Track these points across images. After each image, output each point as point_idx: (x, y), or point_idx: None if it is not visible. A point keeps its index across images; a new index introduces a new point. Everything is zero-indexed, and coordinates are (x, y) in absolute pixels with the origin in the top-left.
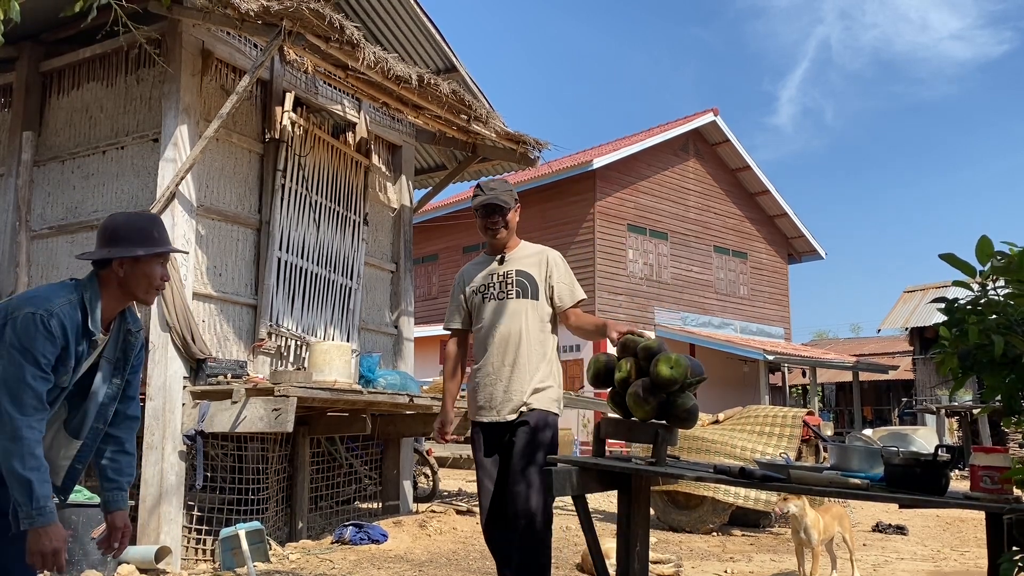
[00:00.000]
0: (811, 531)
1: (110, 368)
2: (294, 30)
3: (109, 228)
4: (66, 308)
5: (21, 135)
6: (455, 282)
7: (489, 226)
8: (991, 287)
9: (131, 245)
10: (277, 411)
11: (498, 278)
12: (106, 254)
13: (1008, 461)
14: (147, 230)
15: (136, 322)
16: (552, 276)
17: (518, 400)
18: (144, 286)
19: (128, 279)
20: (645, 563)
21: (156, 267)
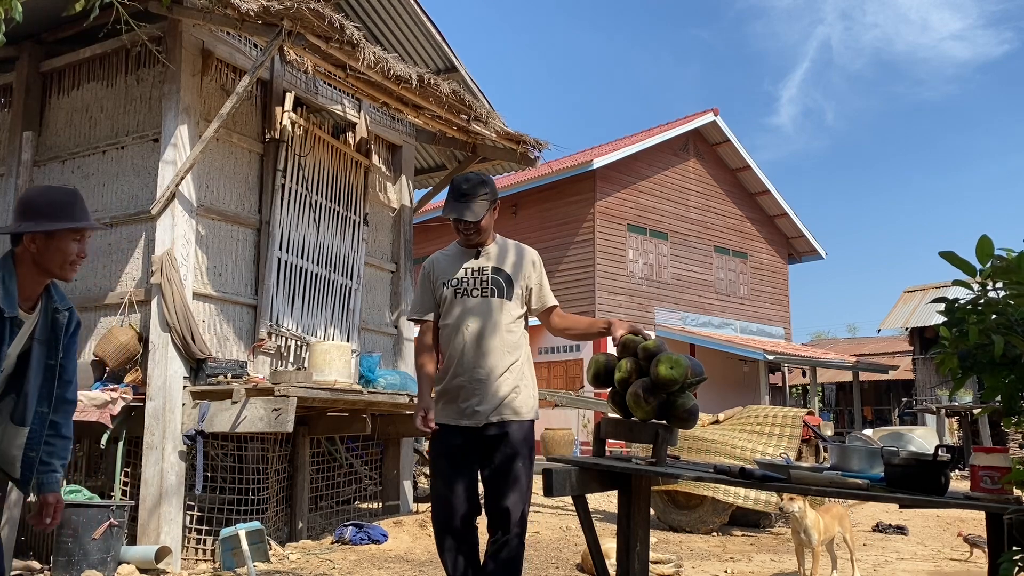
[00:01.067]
0: (811, 531)
1: (44, 349)
2: (294, 30)
3: (23, 202)
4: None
5: (21, 135)
6: (423, 271)
7: (462, 230)
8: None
9: (44, 219)
10: (277, 411)
11: (472, 273)
12: (16, 228)
13: (1008, 461)
14: (62, 204)
15: (63, 300)
16: (531, 277)
17: (493, 406)
18: (58, 262)
19: (42, 255)
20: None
21: (71, 243)
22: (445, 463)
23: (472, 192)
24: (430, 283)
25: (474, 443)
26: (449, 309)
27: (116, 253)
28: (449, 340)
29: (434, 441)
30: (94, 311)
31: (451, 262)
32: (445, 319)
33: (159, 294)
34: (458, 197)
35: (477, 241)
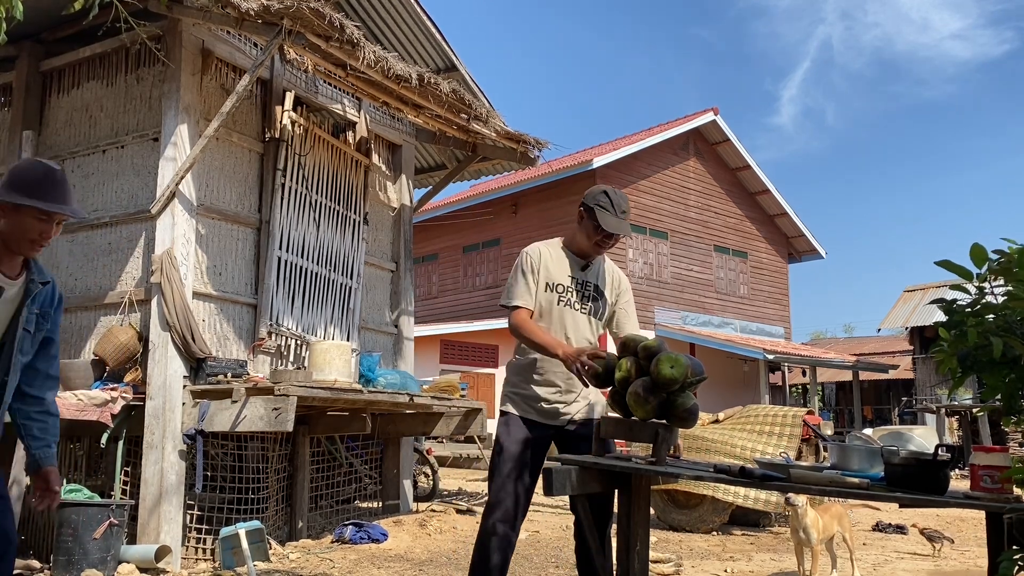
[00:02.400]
0: (810, 530)
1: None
2: (294, 29)
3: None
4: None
5: (21, 134)
6: (527, 260)
7: (602, 244)
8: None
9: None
10: (277, 410)
11: (577, 284)
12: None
13: (1008, 460)
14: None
15: (41, 273)
16: (619, 303)
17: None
18: (17, 237)
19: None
20: (645, 562)
21: (32, 221)
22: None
23: (628, 211)
24: (534, 276)
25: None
26: (547, 314)
27: (116, 252)
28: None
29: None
30: (94, 310)
31: (557, 265)
32: (542, 320)
33: (159, 293)
34: (619, 213)
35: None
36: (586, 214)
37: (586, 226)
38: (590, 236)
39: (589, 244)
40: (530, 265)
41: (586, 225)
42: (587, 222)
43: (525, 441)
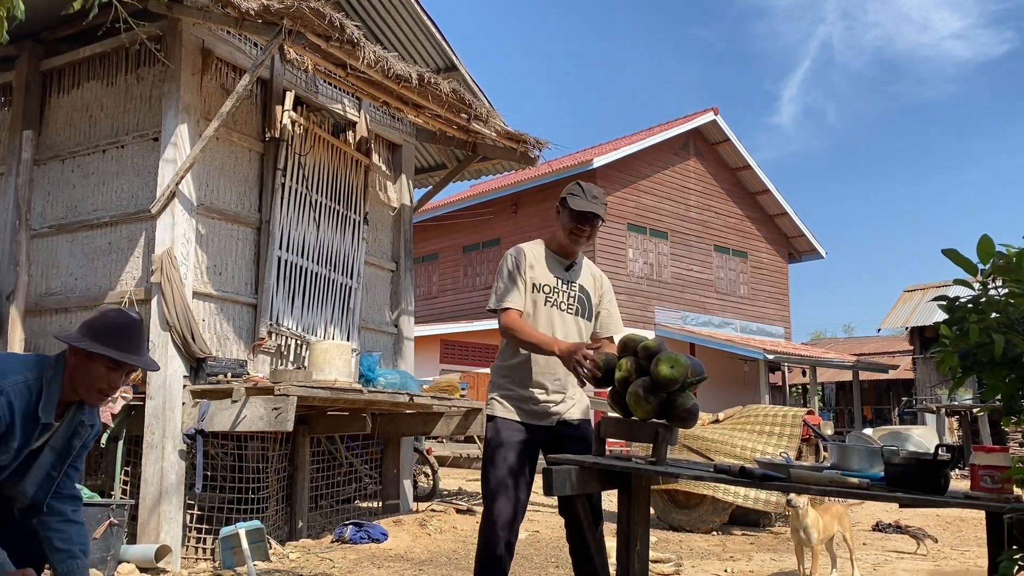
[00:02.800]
0: (811, 530)
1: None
2: (294, 29)
3: (92, 316)
4: (19, 388)
5: (21, 134)
6: (513, 261)
7: (578, 232)
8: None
9: (91, 337)
10: (277, 410)
11: (563, 285)
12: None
13: (1008, 460)
14: (118, 332)
15: (92, 416)
16: (602, 303)
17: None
18: (85, 383)
19: (74, 370)
20: (645, 562)
21: (103, 369)
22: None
23: (600, 199)
24: (522, 277)
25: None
26: (535, 315)
27: (116, 252)
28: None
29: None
30: (94, 310)
31: (542, 265)
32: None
33: (159, 293)
34: (589, 198)
35: (578, 249)
36: (560, 207)
37: (562, 219)
38: (565, 227)
39: (566, 236)
40: (516, 266)
41: (562, 218)
42: (562, 214)
43: (517, 444)
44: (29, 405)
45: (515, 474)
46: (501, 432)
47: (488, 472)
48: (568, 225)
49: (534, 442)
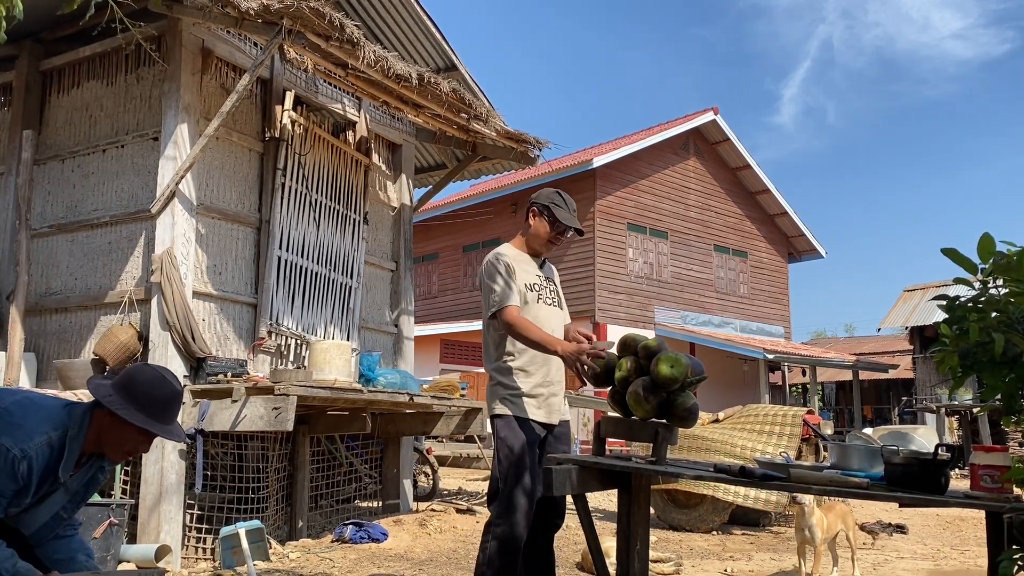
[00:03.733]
0: (815, 529)
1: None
2: (294, 29)
3: (131, 377)
4: (43, 449)
5: (21, 134)
6: (502, 264)
7: (556, 241)
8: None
9: (132, 404)
10: (277, 410)
11: (543, 281)
12: (106, 396)
13: (1008, 460)
14: (159, 403)
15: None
16: (562, 292)
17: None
18: (114, 444)
19: (106, 430)
20: (645, 562)
21: (136, 437)
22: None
23: (575, 210)
24: (512, 278)
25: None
26: (530, 310)
27: (116, 252)
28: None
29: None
30: (94, 310)
31: (524, 265)
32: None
33: (159, 293)
34: (571, 211)
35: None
36: (540, 213)
37: (540, 224)
38: (545, 233)
39: (543, 241)
40: (505, 267)
41: (540, 223)
42: (542, 220)
43: (531, 443)
44: (49, 464)
45: (531, 471)
46: (516, 431)
47: (505, 470)
48: (549, 233)
49: (539, 441)
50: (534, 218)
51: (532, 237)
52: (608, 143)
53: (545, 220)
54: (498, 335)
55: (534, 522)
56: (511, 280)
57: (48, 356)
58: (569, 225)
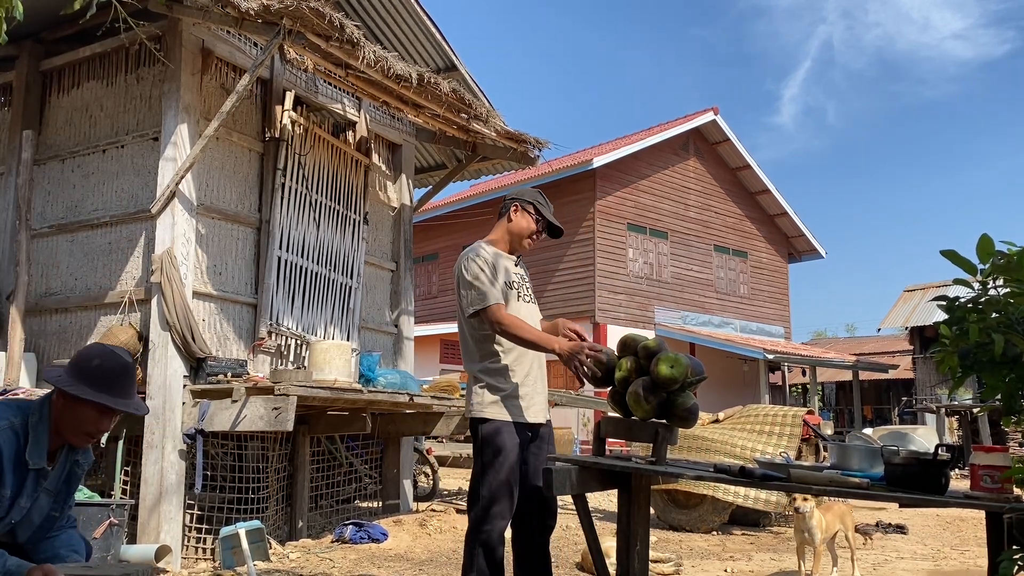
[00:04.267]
0: (815, 531)
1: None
2: (294, 29)
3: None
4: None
5: (21, 134)
6: (485, 262)
7: (536, 238)
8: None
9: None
10: (277, 410)
11: (521, 279)
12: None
13: (1008, 460)
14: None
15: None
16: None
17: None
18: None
19: (61, 414)
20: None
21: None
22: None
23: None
24: (494, 275)
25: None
26: (510, 310)
27: (116, 252)
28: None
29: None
30: (94, 310)
31: (503, 262)
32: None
33: (159, 293)
34: (552, 211)
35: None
36: (524, 209)
37: (525, 220)
38: (527, 230)
39: (524, 238)
40: (488, 264)
41: (525, 219)
42: (524, 217)
43: (516, 447)
44: (18, 449)
45: (515, 479)
46: (503, 434)
47: (487, 473)
48: (531, 230)
49: (527, 443)
50: (516, 214)
51: (514, 234)
52: (608, 143)
53: (530, 217)
54: (480, 334)
55: (528, 524)
56: (494, 277)
57: (48, 356)
58: (554, 223)
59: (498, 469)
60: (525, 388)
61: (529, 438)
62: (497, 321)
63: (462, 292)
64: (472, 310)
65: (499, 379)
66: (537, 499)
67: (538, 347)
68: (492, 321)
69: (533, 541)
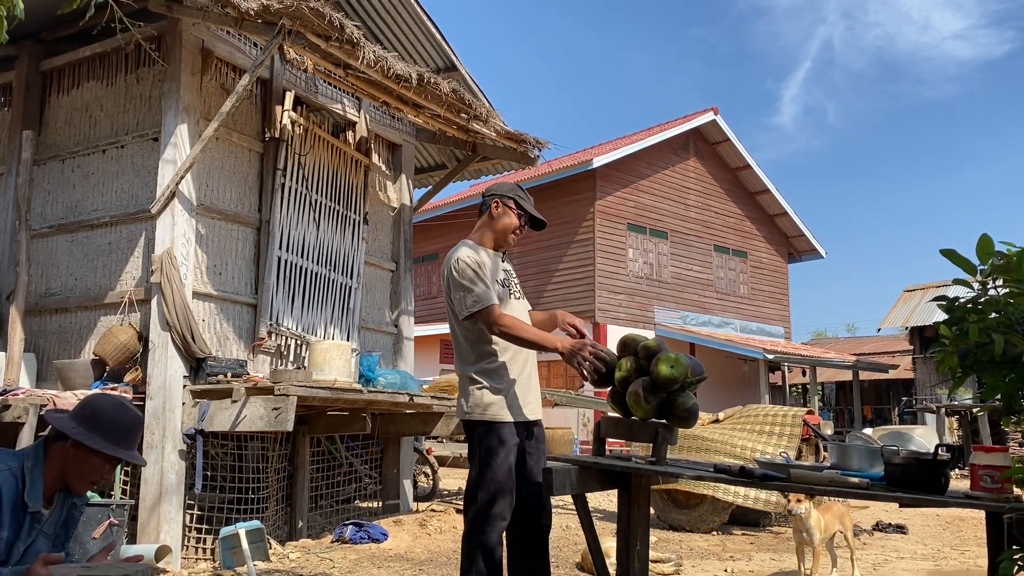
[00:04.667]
0: (813, 531)
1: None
2: (294, 29)
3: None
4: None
5: (21, 134)
6: (475, 262)
7: (520, 233)
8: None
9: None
10: (277, 410)
11: (508, 275)
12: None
13: (1008, 460)
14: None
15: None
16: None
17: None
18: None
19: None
20: (645, 562)
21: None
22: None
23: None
24: (487, 276)
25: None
26: (504, 308)
27: (116, 252)
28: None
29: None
30: (94, 310)
31: (491, 261)
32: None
33: (159, 293)
34: (533, 206)
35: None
36: (505, 205)
37: (508, 216)
38: (511, 226)
39: (507, 234)
40: (478, 265)
41: (504, 216)
42: (506, 213)
43: (514, 447)
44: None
45: (512, 480)
46: (502, 435)
47: (488, 477)
48: (514, 225)
49: (524, 442)
50: (497, 210)
51: (498, 231)
52: (608, 143)
53: (512, 212)
54: (475, 335)
55: (525, 526)
56: (485, 277)
57: (48, 356)
58: (535, 215)
59: (497, 470)
60: (521, 387)
61: (526, 436)
62: (495, 323)
63: (456, 295)
64: (468, 313)
65: (496, 379)
66: (535, 499)
67: (539, 347)
68: (490, 323)
69: (531, 542)
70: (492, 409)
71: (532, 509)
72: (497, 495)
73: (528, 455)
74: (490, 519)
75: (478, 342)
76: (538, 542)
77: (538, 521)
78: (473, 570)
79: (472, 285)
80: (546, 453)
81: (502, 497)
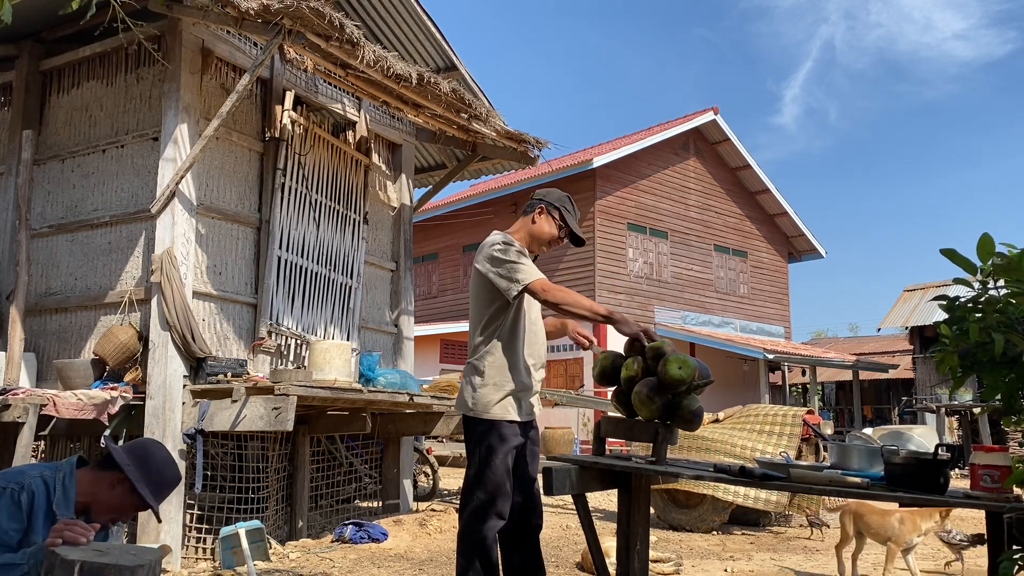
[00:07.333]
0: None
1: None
2: (294, 29)
3: (149, 453)
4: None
5: (21, 134)
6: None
7: (554, 244)
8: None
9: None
10: (277, 410)
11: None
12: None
13: (1008, 460)
14: (165, 484)
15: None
16: None
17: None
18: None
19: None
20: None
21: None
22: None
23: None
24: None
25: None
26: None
27: (116, 252)
28: (534, 340)
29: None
30: (94, 310)
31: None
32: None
33: (159, 293)
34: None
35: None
36: (549, 213)
37: (548, 224)
38: (550, 234)
39: (544, 242)
40: (519, 250)
41: (548, 223)
42: (548, 221)
43: (514, 447)
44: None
45: (510, 480)
46: (503, 433)
47: (487, 475)
48: (552, 236)
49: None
50: (540, 216)
51: (534, 236)
52: (608, 143)
53: (554, 222)
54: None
55: (516, 526)
56: (527, 256)
57: (48, 356)
58: (577, 233)
59: (496, 469)
60: (525, 385)
61: (524, 437)
62: (545, 290)
63: (502, 271)
64: (520, 287)
65: (503, 376)
66: (528, 500)
67: (593, 316)
68: (543, 292)
69: (522, 541)
70: (496, 407)
71: (524, 509)
72: (495, 494)
73: (523, 455)
74: (487, 518)
75: (494, 334)
76: (529, 542)
77: (529, 521)
78: (470, 569)
79: (519, 260)
80: (539, 455)
81: (500, 496)
